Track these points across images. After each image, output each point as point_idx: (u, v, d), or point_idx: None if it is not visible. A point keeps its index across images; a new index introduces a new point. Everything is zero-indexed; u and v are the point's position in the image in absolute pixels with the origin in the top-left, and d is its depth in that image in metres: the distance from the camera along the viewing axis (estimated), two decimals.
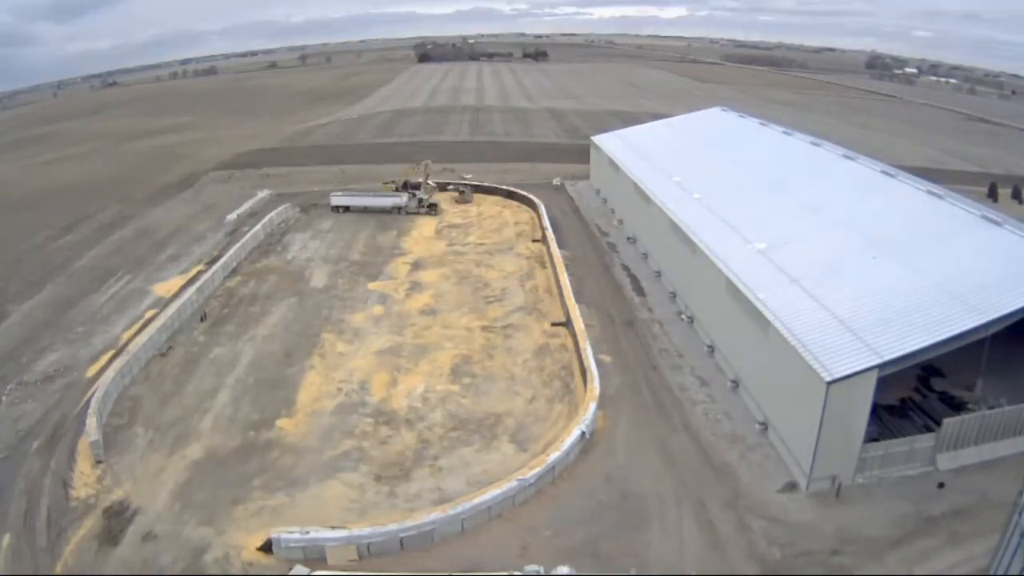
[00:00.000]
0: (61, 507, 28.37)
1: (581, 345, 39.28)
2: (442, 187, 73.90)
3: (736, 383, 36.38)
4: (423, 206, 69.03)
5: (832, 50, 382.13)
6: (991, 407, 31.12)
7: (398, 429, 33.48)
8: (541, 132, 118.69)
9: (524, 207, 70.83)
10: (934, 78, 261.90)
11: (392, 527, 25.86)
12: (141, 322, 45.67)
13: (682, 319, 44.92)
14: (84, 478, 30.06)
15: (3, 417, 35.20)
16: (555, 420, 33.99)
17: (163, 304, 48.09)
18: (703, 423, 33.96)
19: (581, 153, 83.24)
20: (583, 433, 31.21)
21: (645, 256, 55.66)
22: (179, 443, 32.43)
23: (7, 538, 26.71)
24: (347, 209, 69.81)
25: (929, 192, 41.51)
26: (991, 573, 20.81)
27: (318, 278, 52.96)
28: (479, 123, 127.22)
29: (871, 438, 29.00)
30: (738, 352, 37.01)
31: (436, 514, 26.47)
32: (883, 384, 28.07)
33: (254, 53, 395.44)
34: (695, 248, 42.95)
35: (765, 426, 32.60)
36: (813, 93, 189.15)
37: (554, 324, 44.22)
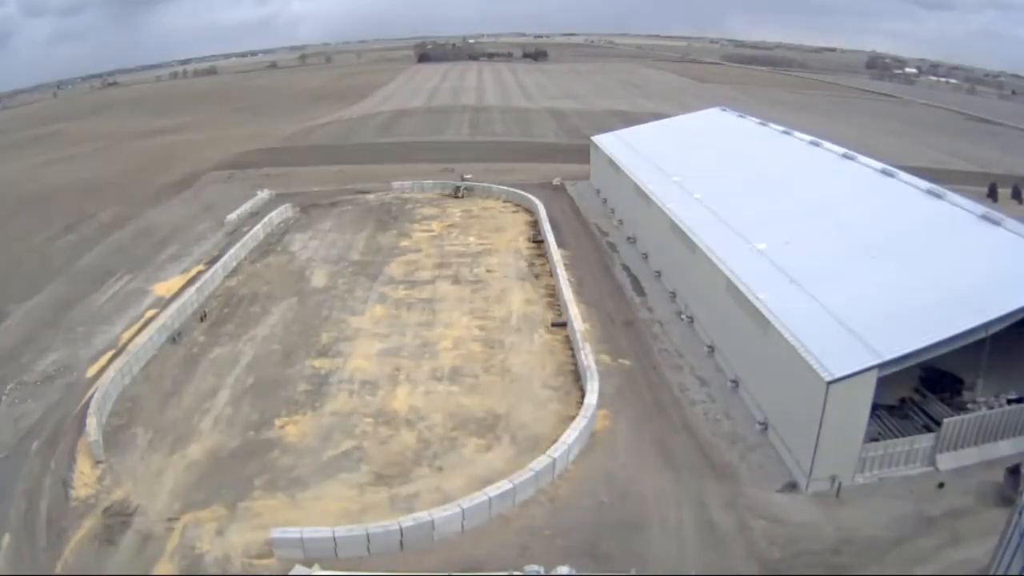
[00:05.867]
0: (61, 507, 28.37)
1: (581, 345, 39.29)
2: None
3: (736, 383, 36.38)
4: None
5: (832, 50, 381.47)
6: (991, 407, 31.14)
7: (398, 429, 33.49)
8: (541, 132, 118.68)
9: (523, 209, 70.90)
10: (934, 78, 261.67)
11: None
12: (141, 322, 45.69)
13: (682, 319, 44.93)
14: (84, 478, 30.07)
15: (3, 417, 35.21)
16: (555, 420, 33.97)
17: (163, 304, 48.13)
18: (703, 423, 33.96)
19: (581, 153, 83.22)
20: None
21: (645, 256, 55.66)
22: (179, 443, 32.42)
23: (7, 538, 26.71)
24: None
25: (929, 192, 41.50)
26: (991, 573, 20.80)
27: (318, 278, 52.96)
28: (479, 123, 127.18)
29: (871, 438, 29.01)
30: (738, 352, 37.01)
31: (437, 513, 26.49)
32: (883, 384, 28.09)
33: (254, 53, 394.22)
34: (695, 248, 42.95)
35: (765, 426, 32.60)
36: (813, 93, 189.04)
37: (554, 324, 44.24)
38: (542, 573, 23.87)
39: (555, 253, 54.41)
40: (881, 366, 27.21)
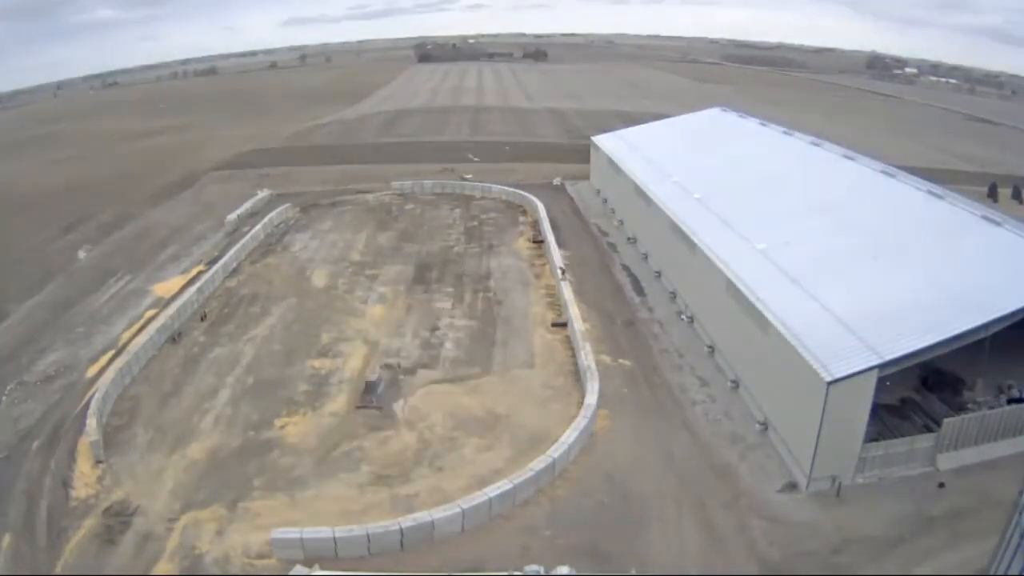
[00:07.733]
0: (61, 507, 28.36)
1: (581, 345, 39.28)
2: None
3: (736, 383, 36.37)
4: None
5: (832, 50, 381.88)
6: (991, 407, 31.13)
7: (398, 429, 33.48)
8: (541, 132, 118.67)
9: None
10: (934, 78, 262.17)
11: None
12: (141, 322, 45.68)
13: (682, 319, 44.92)
14: (84, 478, 30.06)
15: (3, 417, 35.19)
16: (555, 420, 33.93)
17: (163, 304, 48.11)
18: (703, 423, 33.96)
19: (581, 153, 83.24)
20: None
21: (645, 256, 55.66)
22: (179, 443, 32.40)
23: (7, 538, 26.70)
24: None
25: (929, 192, 41.51)
26: (991, 573, 20.79)
27: (318, 278, 52.94)
28: (479, 123, 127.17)
29: (871, 438, 29.00)
30: (738, 352, 37.00)
31: (437, 513, 26.48)
32: (883, 384, 28.08)
33: (254, 53, 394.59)
34: (695, 248, 42.95)
35: (765, 426, 32.60)
36: (813, 93, 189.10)
37: (554, 324, 44.22)
38: (542, 573, 23.88)
39: (555, 253, 54.39)
40: (881, 366, 27.21)
